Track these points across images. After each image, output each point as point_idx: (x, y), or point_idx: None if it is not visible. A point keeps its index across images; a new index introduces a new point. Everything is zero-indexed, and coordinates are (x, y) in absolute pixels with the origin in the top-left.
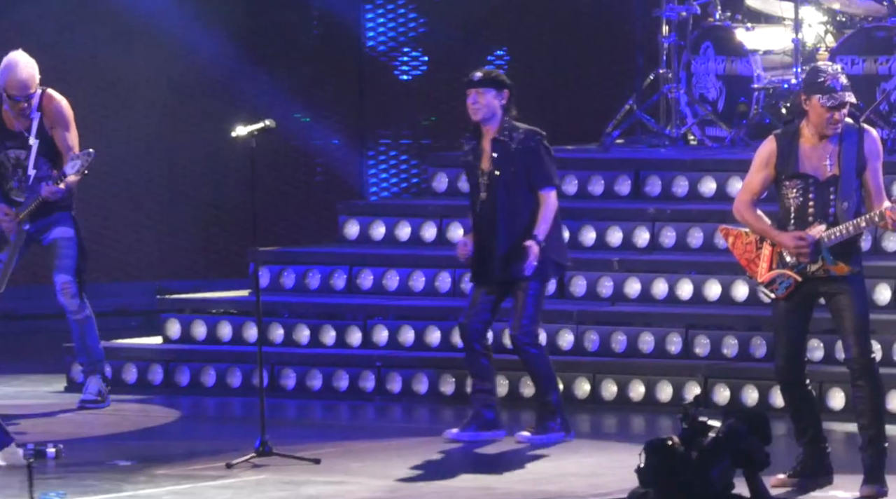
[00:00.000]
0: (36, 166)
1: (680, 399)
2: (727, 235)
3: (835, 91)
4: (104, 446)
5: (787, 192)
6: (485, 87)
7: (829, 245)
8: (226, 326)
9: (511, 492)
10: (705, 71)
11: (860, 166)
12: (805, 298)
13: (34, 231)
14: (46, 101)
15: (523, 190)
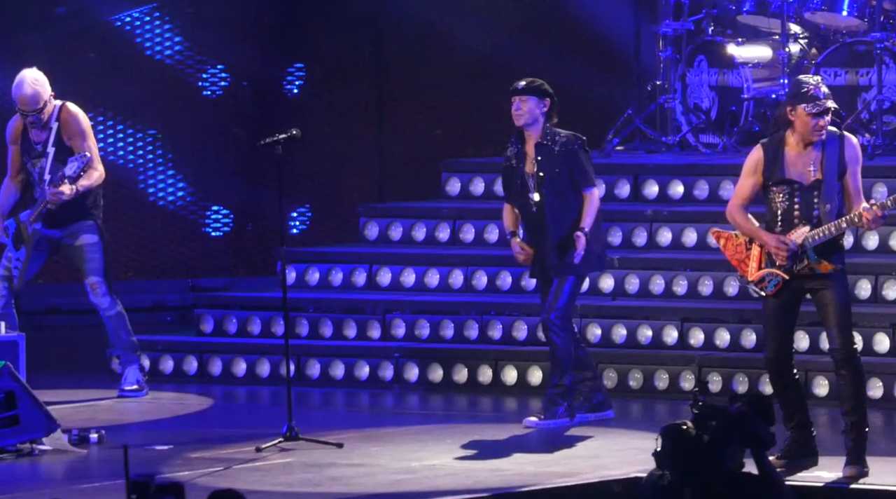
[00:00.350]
0: (51, 173)
1: (675, 387)
2: (719, 238)
3: (818, 99)
4: (143, 431)
5: (774, 196)
6: (527, 94)
7: (814, 245)
8: (255, 320)
9: (521, 473)
10: (699, 82)
11: (841, 171)
12: (792, 295)
13: (59, 236)
14: (64, 113)
15: (568, 190)
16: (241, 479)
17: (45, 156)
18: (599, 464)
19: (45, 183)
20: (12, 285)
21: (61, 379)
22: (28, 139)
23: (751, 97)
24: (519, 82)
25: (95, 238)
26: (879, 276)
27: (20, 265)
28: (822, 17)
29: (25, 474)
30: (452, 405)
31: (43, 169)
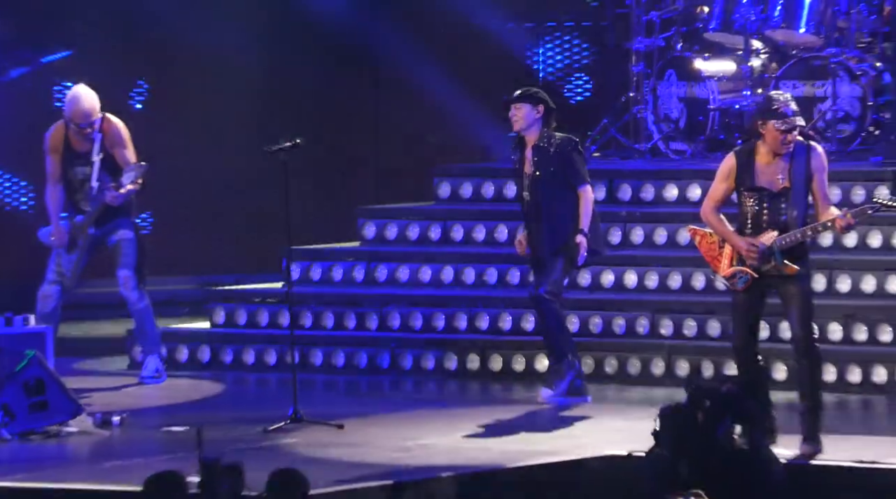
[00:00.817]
0: (98, 179)
1: (647, 373)
2: (694, 235)
3: (787, 117)
4: (161, 414)
5: (745, 201)
6: (521, 101)
7: (781, 248)
8: (263, 313)
9: (506, 451)
10: (669, 94)
11: (808, 179)
12: (760, 291)
13: (100, 234)
14: (106, 124)
15: (562, 187)
16: (249, 457)
17: (92, 164)
18: (578, 444)
19: (94, 190)
20: (64, 288)
21: (86, 367)
22: (70, 148)
23: (716, 108)
24: (515, 91)
25: (131, 234)
26: (833, 270)
27: (71, 266)
28: (781, 34)
29: (53, 453)
30: (443, 390)
31: (88, 176)
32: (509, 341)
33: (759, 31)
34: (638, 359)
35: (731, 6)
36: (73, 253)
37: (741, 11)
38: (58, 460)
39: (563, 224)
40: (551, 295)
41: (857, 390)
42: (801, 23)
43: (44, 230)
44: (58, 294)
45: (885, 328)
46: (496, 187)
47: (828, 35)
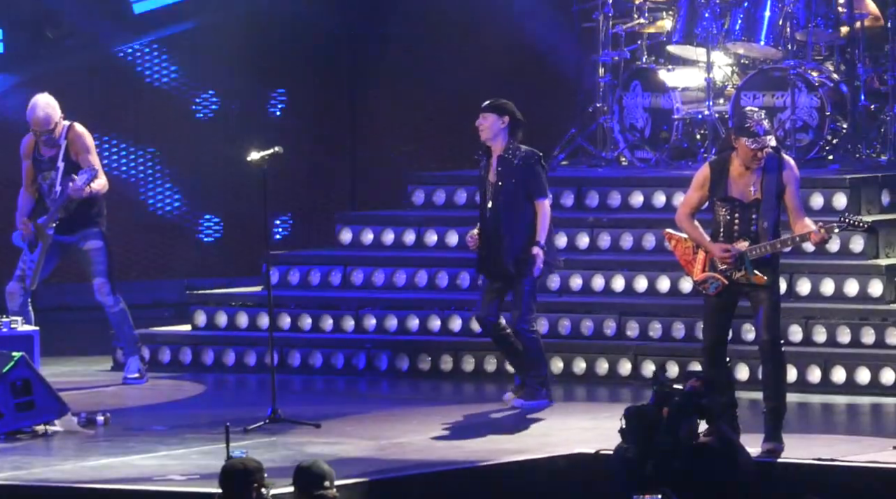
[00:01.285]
0: (61, 184)
1: (614, 373)
2: (670, 239)
3: (758, 135)
4: (143, 414)
5: (718, 210)
6: (487, 112)
7: (752, 259)
8: (243, 315)
9: (478, 450)
10: (634, 105)
11: (779, 191)
12: (730, 297)
13: (71, 242)
14: (71, 133)
15: (522, 199)
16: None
17: (56, 170)
18: (547, 442)
19: (56, 193)
20: (25, 287)
21: (71, 368)
22: (39, 155)
23: (680, 118)
24: (485, 102)
25: (101, 243)
26: (793, 274)
27: (34, 266)
28: (742, 47)
29: (40, 451)
30: (417, 390)
31: (53, 181)
32: (481, 343)
33: (720, 43)
34: (605, 359)
35: (694, 20)
36: (33, 252)
37: (703, 25)
38: (44, 458)
39: (520, 235)
40: (529, 325)
41: (817, 390)
42: (761, 36)
43: (15, 233)
44: (21, 291)
45: (844, 330)
46: (468, 194)
47: (787, 48)
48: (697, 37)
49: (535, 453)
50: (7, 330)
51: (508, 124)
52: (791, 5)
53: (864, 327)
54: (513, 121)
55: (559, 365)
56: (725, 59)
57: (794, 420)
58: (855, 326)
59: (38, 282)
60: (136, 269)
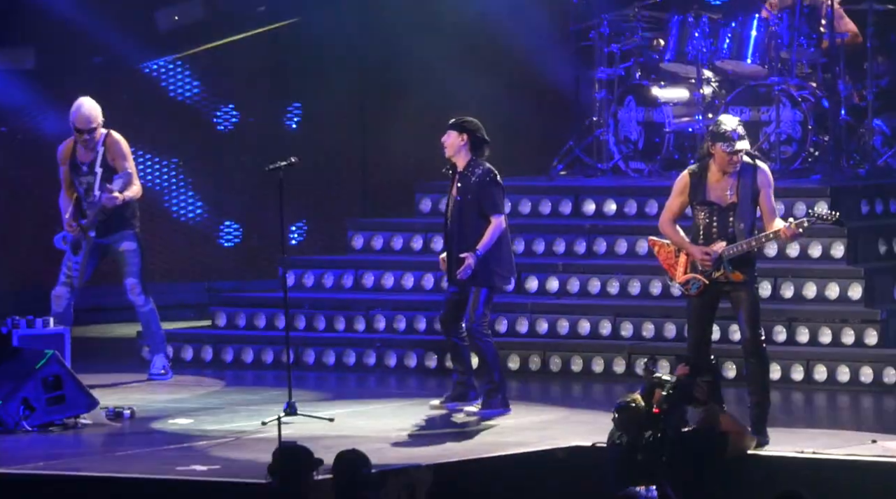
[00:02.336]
0: (100, 189)
1: (609, 370)
2: (653, 245)
3: (732, 140)
4: (167, 408)
5: (698, 214)
6: (449, 129)
7: (729, 257)
8: (260, 316)
9: (482, 442)
10: (629, 118)
11: (754, 195)
12: (712, 296)
13: (107, 243)
14: (109, 139)
15: (475, 214)
16: (248, 447)
17: (94, 175)
18: (546, 435)
19: (95, 197)
20: (73, 288)
21: (100, 365)
22: (76, 160)
23: (671, 131)
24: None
25: (135, 245)
26: (777, 278)
27: (78, 267)
28: (730, 65)
29: (70, 443)
30: (424, 386)
31: (91, 185)
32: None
33: (709, 61)
34: (601, 358)
35: (685, 39)
36: (77, 255)
37: (693, 44)
38: (74, 449)
39: (470, 249)
40: (481, 328)
41: (800, 387)
42: (748, 54)
43: (57, 236)
44: (68, 294)
45: (825, 331)
46: None
47: (772, 65)
48: (688, 55)
49: (535, 446)
50: (40, 329)
51: (468, 142)
52: (776, 26)
53: (844, 328)
54: (473, 138)
55: (558, 363)
56: (714, 75)
57: (779, 415)
58: (836, 327)
59: (83, 283)
60: (161, 271)
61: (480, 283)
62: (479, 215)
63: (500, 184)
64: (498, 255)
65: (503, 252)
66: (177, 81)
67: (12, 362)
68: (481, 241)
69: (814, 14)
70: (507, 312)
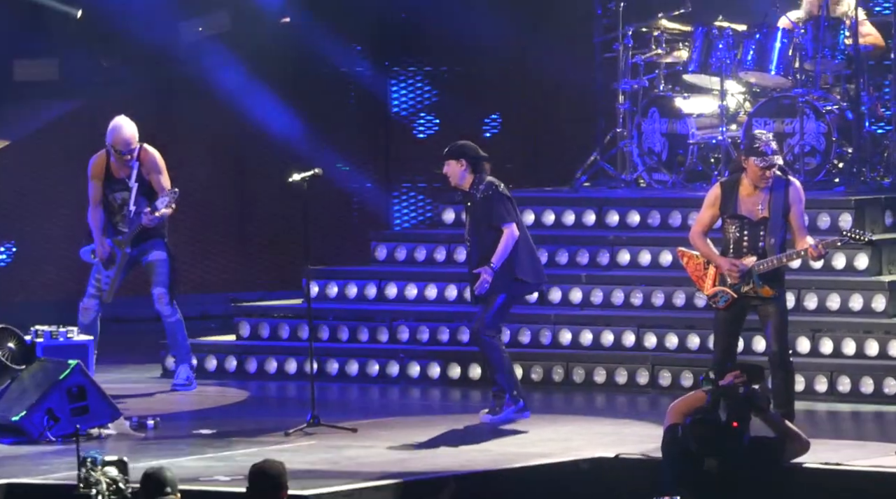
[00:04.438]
0: (136, 204)
1: (633, 382)
2: (682, 256)
3: (766, 155)
4: (191, 419)
5: (728, 228)
6: (447, 159)
7: (759, 272)
8: (284, 326)
9: (505, 453)
10: (652, 130)
11: (785, 210)
12: (739, 310)
13: (136, 254)
14: (143, 153)
15: (485, 229)
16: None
17: (130, 190)
18: (570, 446)
19: (131, 212)
20: (102, 301)
21: (123, 375)
22: (110, 175)
23: (695, 142)
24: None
25: (164, 255)
26: (801, 289)
27: (109, 281)
28: (753, 76)
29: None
30: (448, 397)
31: (125, 200)
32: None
33: (733, 73)
34: (624, 369)
35: (709, 50)
36: (110, 269)
37: (717, 55)
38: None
39: (484, 263)
40: (489, 333)
41: (824, 398)
42: (772, 66)
43: (84, 249)
44: (96, 307)
45: (849, 342)
46: None
47: (796, 77)
48: (712, 66)
49: (558, 457)
50: (64, 340)
51: (468, 165)
52: (800, 37)
53: (867, 340)
54: (470, 160)
55: (581, 374)
56: (738, 87)
57: (802, 427)
58: (859, 338)
59: (112, 296)
60: (185, 282)
61: (498, 290)
62: (491, 229)
63: (505, 194)
64: (516, 262)
65: (523, 258)
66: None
67: (37, 373)
68: (496, 253)
69: (837, 25)
70: (530, 323)
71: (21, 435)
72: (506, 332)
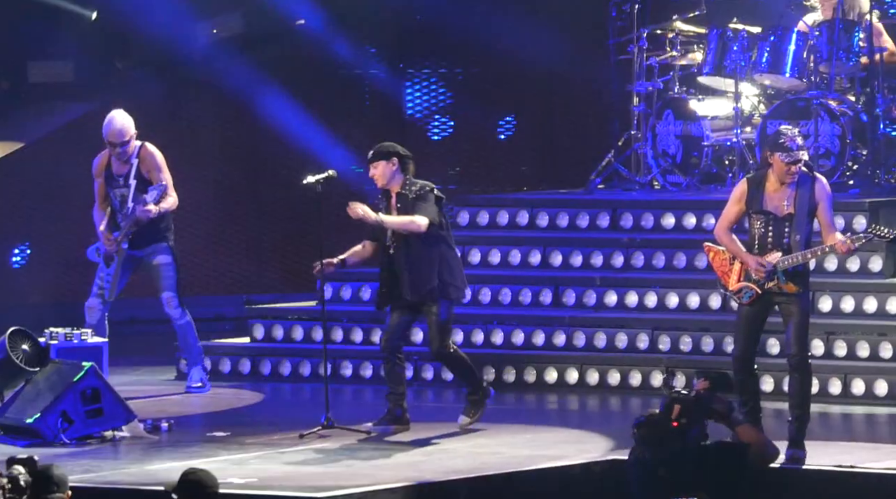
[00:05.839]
0: (133, 200)
1: (647, 384)
2: (709, 251)
3: (791, 150)
4: (205, 421)
5: (754, 223)
6: (376, 160)
7: (784, 268)
8: (298, 329)
9: (517, 456)
10: (667, 132)
11: (812, 207)
12: (763, 306)
13: (141, 256)
14: (144, 151)
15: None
16: (285, 460)
17: (128, 187)
18: (583, 448)
19: (129, 209)
20: (104, 300)
21: (137, 378)
22: (111, 173)
23: (709, 145)
24: (370, 152)
25: (170, 258)
26: (815, 291)
27: (110, 279)
28: (768, 79)
29: (108, 455)
30: (460, 400)
31: (125, 197)
32: (522, 355)
33: (748, 75)
34: (639, 371)
35: (724, 53)
36: (110, 267)
37: (732, 57)
38: (112, 461)
39: (426, 268)
40: (447, 347)
41: (838, 401)
42: (787, 68)
43: (90, 248)
44: (101, 306)
45: (863, 344)
46: (510, 215)
47: (810, 79)
48: (726, 68)
49: (572, 459)
50: (78, 342)
51: (398, 164)
52: (814, 39)
53: (882, 342)
54: (401, 160)
55: (595, 377)
56: (753, 89)
57: (816, 429)
58: (874, 341)
59: (115, 296)
60: (199, 284)
61: (436, 301)
62: (427, 233)
63: (436, 196)
64: (452, 267)
65: (455, 263)
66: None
67: (51, 375)
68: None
69: (853, 28)
70: (544, 325)
71: (36, 437)
72: (520, 333)
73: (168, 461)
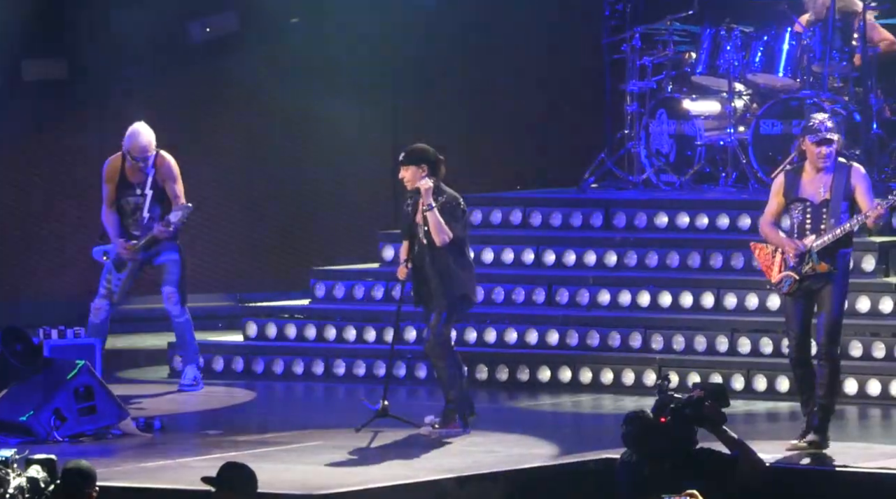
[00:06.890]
0: (150, 210)
1: (640, 383)
2: (754, 248)
3: (819, 131)
4: (198, 419)
5: (792, 211)
6: (406, 164)
7: (817, 249)
8: (291, 327)
9: (512, 454)
10: (660, 131)
11: (848, 192)
12: (805, 294)
13: (147, 255)
14: (159, 160)
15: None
16: (278, 458)
17: (145, 196)
18: (576, 447)
19: (145, 219)
20: (113, 302)
21: (131, 375)
22: (125, 179)
23: (703, 144)
24: (402, 153)
25: (176, 256)
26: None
27: (119, 284)
28: (761, 78)
29: (101, 453)
30: None
31: (139, 206)
32: (514, 354)
33: (741, 74)
34: (631, 370)
35: (717, 52)
36: (122, 272)
37: (725, 57)
38: (105, 459)
39: (449, 273)
40: (442, 341)
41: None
42: (780, 68)
43: (97, 249)
44: (107, 307)
45: (856, 344)
46: (503, 214)
47: (804, 79)
48: (720, 68)
49: (566, 457)
50: (71, 340)
51: (428, 170)
52: (808, 39)
53: (875, 342)
54: (430, 165)
55: (588, 376)
56: (746, 89)
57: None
58: (866, 340)
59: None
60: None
61: (445, 305)
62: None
63: (463, 210)
64: (466, 276)
65: (469, 273)
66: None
67: (44, 373)
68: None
69: (846, 27)
70: (537, 324)
71: (28, 435)
72: (513, 332)
73: (161, 459)
